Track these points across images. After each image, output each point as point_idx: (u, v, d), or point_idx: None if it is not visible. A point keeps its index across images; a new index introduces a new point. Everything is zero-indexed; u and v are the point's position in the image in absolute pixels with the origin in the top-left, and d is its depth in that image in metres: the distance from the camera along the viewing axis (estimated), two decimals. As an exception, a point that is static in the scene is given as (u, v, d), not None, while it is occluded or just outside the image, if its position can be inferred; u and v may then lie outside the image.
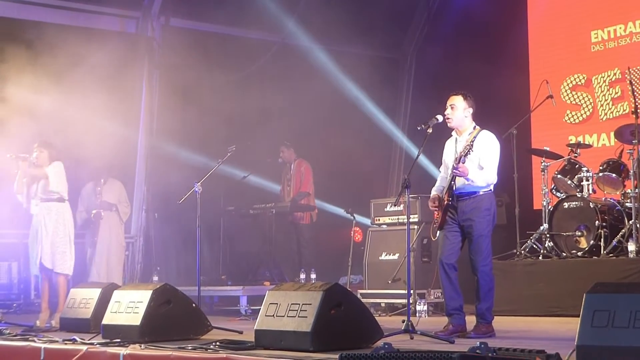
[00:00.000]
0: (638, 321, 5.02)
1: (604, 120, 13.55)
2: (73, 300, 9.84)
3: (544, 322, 9.98)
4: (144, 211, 14.57)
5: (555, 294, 10.60)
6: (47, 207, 10.78)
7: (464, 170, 8.06)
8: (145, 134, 14.58)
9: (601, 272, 10.18)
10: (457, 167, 8.07)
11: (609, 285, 5.36)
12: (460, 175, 8.10)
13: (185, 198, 10.37)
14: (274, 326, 7.10)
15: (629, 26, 13.37)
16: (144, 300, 8.27)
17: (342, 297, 7.04)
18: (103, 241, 12.54)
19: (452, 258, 8.23)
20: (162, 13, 14.59)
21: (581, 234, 10.98)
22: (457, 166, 8.08)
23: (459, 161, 8.12)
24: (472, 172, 8.10)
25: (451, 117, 8.33)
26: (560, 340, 7.11)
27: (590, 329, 5.16)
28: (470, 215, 8.19)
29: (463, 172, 8.07)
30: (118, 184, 12.95)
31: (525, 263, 11.32)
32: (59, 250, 10.69)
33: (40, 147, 10.88)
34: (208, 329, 8.55)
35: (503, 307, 10.25)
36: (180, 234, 14.14)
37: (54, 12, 13.75)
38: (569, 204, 11.18)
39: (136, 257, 14.46)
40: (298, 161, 14.33)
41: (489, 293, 8.21)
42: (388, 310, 11.59)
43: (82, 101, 12.39)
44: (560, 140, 12.89)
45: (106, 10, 14.24)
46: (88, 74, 12.59)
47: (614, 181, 11.10)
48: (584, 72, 13.87)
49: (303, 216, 14.12)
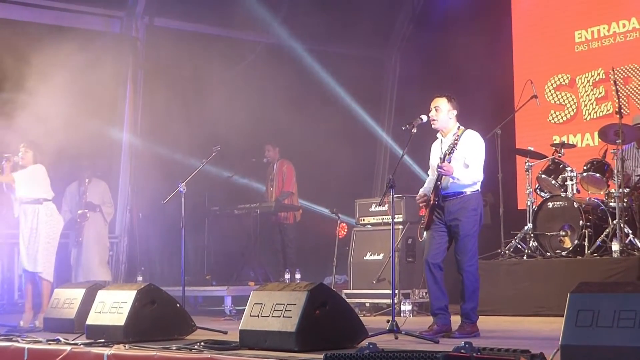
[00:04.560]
0: (622, 321, 5.03)
1: (588, 120, 13.59)
2: (57, 300, 9.82)
3: (529, 321, 10.00)
4: (129, 211, 14.53)
5: (539, 294, 10.63)
6: (24, 210, 10.76)
7: (449, 168, 8.08)
8: (129, 134, 14.54)
9: (585, 272, 10.20)
10: (442, 166, 8.09)
11: (593, 285, 5.37)
12: (445, 174, 8.11)
13: (170, 198, 10.35)
14: (258, 326, 7.09)
15: (612, 26, 13.42)
16: (128, 301, 8.25)
17: (326, 297, 7.03)
18: (87, 241, 12.50)
19: (437, 258, 8.24)
20: (146, 13, 14.56)
21: (565, 233, 11.01)
22: (441, 165, 8.10)
23: (443, 160, 8.15)
24: (457, 171, 8.12)
25: (436, 118, 8.36)
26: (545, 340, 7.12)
27: (574, 328, 5.17)
28: (457, 215, 8.20)
29: (448, 171, 8.08)
30: (102, 184, 12.92)
31: (509, 263, 11.34)
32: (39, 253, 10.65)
33: (26, 147, 10.85)
34: (192, 329, 8.53)
35: (487, 307, 10.27)
36: (164, 234, 14.10)
37: (38, 12, 13.70)
38: (553, 203, 11.20)
39: (120, 257, 14.43)
40: (280, 161, 14.33)
41: (474, 293, 8.22)
42: (373, 310, 11.59)
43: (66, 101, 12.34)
44: (545, 140, 12.92)
45: (90, 10, 14.20)
46: (72, 73, 12.54)
47: (598, 181, 11.14)
48: (568, 72, 13.91)
49: (287, 216, 14.10)
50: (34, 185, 10.75)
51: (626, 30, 13.27)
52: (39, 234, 10.70)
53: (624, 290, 5.16)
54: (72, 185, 12.73)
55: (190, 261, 13.85)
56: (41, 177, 10.82)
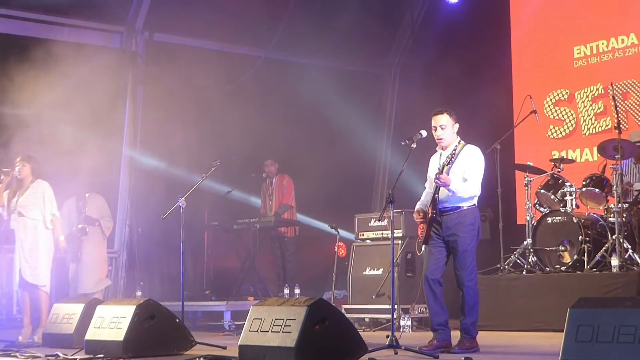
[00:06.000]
0: (622, 336, 5.03)
1: (587, 136, 13.60)
2: (56, 315, 9.80)
3: (528, 337, 9.99)
4: (128, 226, 14.51)
5: (539, 309, 10.62)
6: (23, 223, 10.76)
7: (446, 180, 8.07)
8: (128, 149, 14.55)
9: (585, 287, 10.19)
10: (439, 177, 8.08)
11: (593, 300, 5.37)
12: (442, 185, 8.10)
13: (169, 213, 10.34)
14: (258, 341, 7.08)
15: (611, 42, 13.45)
16: (127, 316, 8.24)
17: (326, 312, 7.02)
18: (86, 256, 12.47)
19: (436, 273, 8.23)
20: (145, 28, 14.59)
21: (565, 248, 11.00)
22: (439, 176, 8.09)
23: (441, 172, 8.14)
24: (454, 183, 8.11)
25: (443, 137, 8.34)
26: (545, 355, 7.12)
27: (574, 343, 5.17)
28: (455, 231, 8.20)
29: (445, 182, 8.07)
30: (100, 199, 12.89)
31: (509, 278, 11.33)
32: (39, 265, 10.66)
33: (23, 161, 10.86)
34: (192, 345, 8.52)
35: (487, 322, 10.26)
36: (163, 249, 14.09)
37: (39, 27, 13.72)
38: (552, 218, 11.20)
39: (119, 272, 14.40)
40: (279, 175, 14.34)
41: (474, 308, 8.22)
42: (372, 325, 11.58)
43: (66, 115, 12.36)
44: (544, 155, 12.93)
45: (90, 25, 14.23)
46: (72, 88, 12.57)
47: (597, 196, 11.14)
48: (566, 88, 13.93)
49: (287, 230, 14.10)
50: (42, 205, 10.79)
51: (625, 45, 13.30)
52: (39, 246, 10.71)
53: (624, 306, 5.16)
54: (70, 201, 12.70)
55: (189, 276, 13.83)
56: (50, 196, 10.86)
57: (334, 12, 14.91)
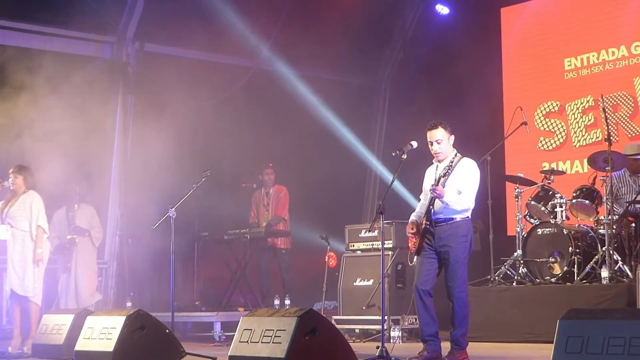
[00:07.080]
0: (612, 347, 5.03)
1: (577, 147, 13.64)
2: (45, 326, 9.77)
3: (518, 348, 10.00)
4: (118, 236, 14.48)
5: (529, 320, 10.62)
6: (13, 234, 10.73)
7: (441, 191, 8.09)
8: (119, 159, 14.53)
9: (575, 299, 10.20)
10: (435, 188, 8.10)
11: (583, 311, 5.38)
12: (437, 196, 8.12)
13: (160, 223, 10.32)
14: (248, 352, 7.07)
15: (602, 54, 13.50)
16: (117, 326, 8.23)
17: (316, 323, 7.02)
18: (77, 267, 12.44)
19: (427, 285, 8.23)
20: (136, 38, 14.59)
21: (555, 260, 11.01)
22: (434, 188, 8.11)
23: (437, 183, 8.17)
24: (449, 195, 8.12)
25: (440, 151, 8.36)
26: (535, 367, 7.13)
27: (564, 354, 5.17)
28: (447, 242, 8.21)
29: (440, 194, 8.09)
30: (90, 209, 12.85)
31: (499, 289, 11.33)
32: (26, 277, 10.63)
33: (16, 172, 10.85)
34: (182, 355, 8.51)
35: (477, 333, 10.25)
36: (154, 260, 14.04)
37: (29, 37, 13.70)
38: (542, 230, 11.21)
39: (109, 282, 14.36)
40: (277, 186, 14.22)
41: (464, 319, 8.22)
42: (362, 336, 11.57)
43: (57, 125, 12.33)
44: (534, 167, 12.94)
45: (81, 36, 14.22)
46: (63, 98, 12.56)
47: (587, 208, 11.16)
48: (557, 99, 13.97)
49: (283, 242, 14.00)
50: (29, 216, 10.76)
51: (615, 58, 13.36)
52: (27, 257, 10.68)
53: (614, 317, 5.17)
54: (60, 211, 12.66)
55: (179, 286, 13.79)
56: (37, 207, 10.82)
57: (325, 23, 14.93)
